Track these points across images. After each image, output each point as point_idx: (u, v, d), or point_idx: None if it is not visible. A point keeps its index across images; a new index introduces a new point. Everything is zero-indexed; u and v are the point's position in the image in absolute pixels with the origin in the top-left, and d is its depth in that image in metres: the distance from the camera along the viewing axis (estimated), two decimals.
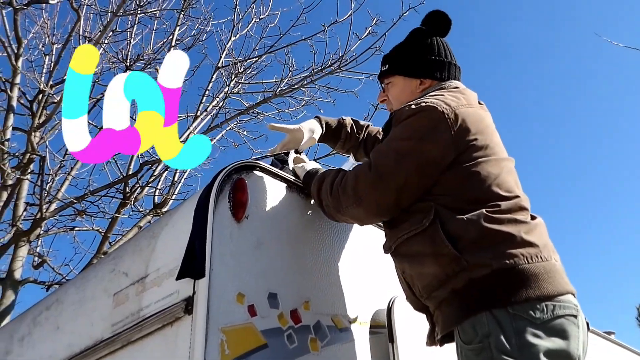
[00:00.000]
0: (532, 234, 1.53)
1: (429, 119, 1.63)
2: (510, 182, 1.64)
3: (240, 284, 1.63)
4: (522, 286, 1.42)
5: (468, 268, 1.47)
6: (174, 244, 1.76)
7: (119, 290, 1.91)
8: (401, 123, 1.69)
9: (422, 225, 1.58)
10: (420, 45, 1.92)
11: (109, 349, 1.81)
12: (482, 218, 1.51)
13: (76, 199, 5.39)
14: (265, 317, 1.64)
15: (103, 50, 6.17)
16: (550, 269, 1.48)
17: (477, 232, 1.50)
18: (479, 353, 1.41)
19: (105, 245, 5.68)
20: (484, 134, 1.67)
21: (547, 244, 1.55)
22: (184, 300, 1.59)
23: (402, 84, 1.93)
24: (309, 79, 5.85)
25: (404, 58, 1.94)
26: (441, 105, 1.64)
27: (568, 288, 1.49)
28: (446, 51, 1.92)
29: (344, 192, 1.70)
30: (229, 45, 6.47)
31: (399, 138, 1.68)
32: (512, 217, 1.54)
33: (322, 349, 1.74)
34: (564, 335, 1.41)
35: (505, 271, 1.45)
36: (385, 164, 1.64)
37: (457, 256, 1.49)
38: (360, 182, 1.67)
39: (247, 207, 1.76)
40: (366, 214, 1.71)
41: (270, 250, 1.77)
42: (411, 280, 1.67)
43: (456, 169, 1.61)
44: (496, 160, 1.65)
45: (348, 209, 1.71)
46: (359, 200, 1.67)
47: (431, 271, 1.55)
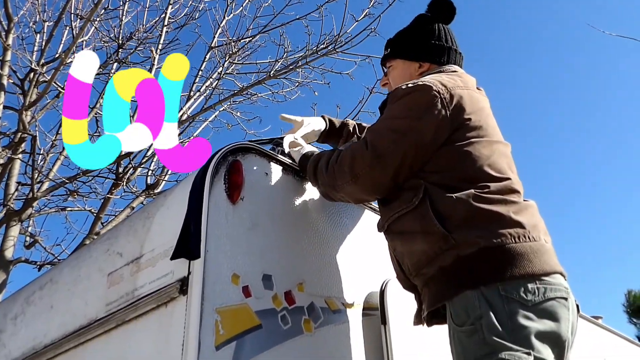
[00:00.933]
0: (521, 214, 1.54)
1: (424, 98, 1.65)
2: (502, 164, 1.65)
3: (235, 265, 1.64)
4: (509, 264, 1.45)
5: (456, 246, 1.50)
6: (169, 225, 1.76)
7: (114, 271, 1.91)
8: (397, 102, 1.71)
9: (412, 204, 1.60)
10: (421, 30, 1.94)
11: (103, 328, 1.82)
12: (472, 197, 1.53)
13: (68, 179, 5.36)
14: (260, 298, 1.65)
15: (94, 29, 6.10)
16: (539, 249, 1.50)
17: (466, 211, 1.52)
18: (470, 335, 1.43)
19: (97, 225, 5.67)
20: (478, 115, 1.69)
21: (537, 225, 1.56)
22: (178, 281, 1.59)
23: (401, 67, 1.96)
24: (303, 60, 5.80)
25: (405, 42, 1.97)
26: (436, 85, 1.67)
27: (556, 268, 1.51)
28: (447, 36, 1.93)
29: (340, 169, 1.72)
30: (222, 24, 6.41)
31: (395, 117, 1.70)
32: (502, 198, 1.56)
33: (316, 330, 1.76)
34: (555, 318, 1.43)
35: (493, 249, 1.47)
36: (382, 143, 1.66)
37: (446, 234, 1.51)
38: (357, 160, 1.68)
39: (243, 189, 1.76)
40: (361, 191, 1.73)
41: (266, 232, 1.78)
42: (401, 258, 1.69)
43: (449, 147, 1.64)
44: (489, 141, 1.67)
45: (344, 186, 1.72)
46: (355, 177, 1.69)
47: (420, 248, 1.57)
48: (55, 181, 5.51)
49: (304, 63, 5.81)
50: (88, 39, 6.15)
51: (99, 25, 6.10)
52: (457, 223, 1.52)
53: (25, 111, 5.42)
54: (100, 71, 5.97)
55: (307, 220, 1.94)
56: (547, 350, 1.40)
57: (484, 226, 1.50)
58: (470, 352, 1.42)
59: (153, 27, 6.31)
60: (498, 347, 1.37)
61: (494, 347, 1.38)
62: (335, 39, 5.60)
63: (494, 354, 1.36)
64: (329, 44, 5.67)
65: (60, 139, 5.91)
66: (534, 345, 1.37)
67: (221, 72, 6.22)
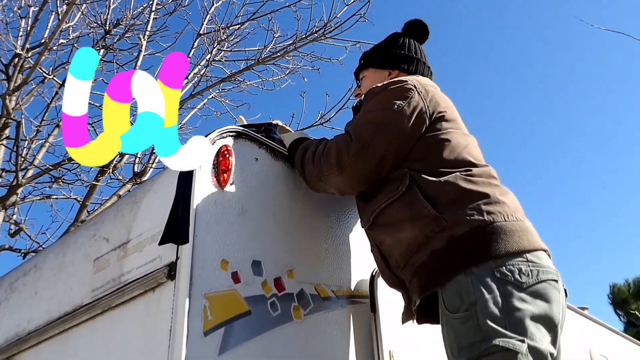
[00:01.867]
0: (505, 196, 1.60)
1: (401, 90, 1.72)
2: (478, 154, 1.74)
3: (225, 251, 1.62)
4: (500, 241, 1.48)
5: (448, 227, 1.51)
6: (157, 210, 1.73)
7: (100, 256, 1.88)
8: (374, 97, 1.77)
9: (399, 192, 1.62)
10: (393, 43, 2.06)
11: (89, 314, 1.79)
12: (459, 179, 1.58)
13: (53, 166, 5.28)
14: (249, 285, 1.63)
15: (81, 14, 5.99)
16: (525, 228, 1.55)
17: (454, 191, 1.56)
18: (465, 321, 1.42)
19: (83, 214, 5.60)
20: (451, 110, 1.78)
21: (519, 208, 1.62)
22: (166, 266, 1.57)
23: (372, 75, 2.04)
24: (292, 46, 5.74)
25: (377, 53, 2.07)
26: (411, 80, 1.76)
27: (542, 245, 1.55)
28: (417, 50, 2.05)
29: (326, 160, 1.74)
30: (211, 11, 6.32)
31: (375, 110, 1.74)
32: (486, 180, 1.62)
33: (305, 317, 1.74)
34: (547, 299, 1.45)
35: (484, 227, 1.50)
36: (366, 134, 1.69)
37: (437, 216, 1.52)
38: (342, 151, 1.70)
39: (232, 174, 1.74)
40: (347, 182, 1.74)
41: (255, 217, 1.76)
42: (389, 250, 1.68)
43: (428, 136, 1.69)
44: (463, 133, 1.75)
45: (329, 177, 1.74)
46: (341, 168, 1.70)
47: (410, 235, 1.57)
48: (40, 168, 5.43)
49: (293, 49, 5.75)
50: (74, 24, 6.04)
51: (86, 11, 5.99)
52: (447, 204, 1.55)
53: (9, 96, 5.32)
54: None
55: (298, 207, 1.92)
56: (540, 333, 1.40)
57: (473, 205, 1.53)
58: (464, 339, 1.41)
59: (141, 13, 6.21)
60: (493, 333, 1.36)
61: (488, 332, 1.37)
62: (325, 25, 5.55)
63: (488, 340, 1.36)
64: (318, 29, 5.61)
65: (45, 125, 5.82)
66: (528, 328, 1.38)
67: (210, 59, 6.14)
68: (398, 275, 1.67)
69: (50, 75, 5.46)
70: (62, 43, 5.87)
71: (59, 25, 5.05)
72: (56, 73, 5.67)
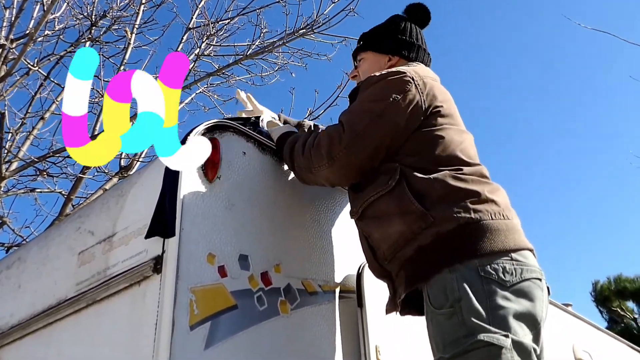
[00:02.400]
0: (495, 193, 1.59)
1: (398, 82, 1.70)
2: (472, 151, 1.72)
3: (211, 245, 1.61)
4: (486, 239, 1.47)
5: (435, 223, 1.51)
6: (144, 203, 1.72)
7: (85, 249, 1.86)
8: (371, 87, 1.74)
9: (389, 186, 1.61)
10: (394, 27, 2.01)
11: (73, 307, 1.77)
12: (448, 177, 1.57)
13: (37, 159, 5.22)
14: (236, 279, 1.62)
15: (67, 6, 5.92)
16: (512, 227, 1.55)
17: (443, 189, 1.55)
18: (449, 317, 1.42)
19: (68, 207, 5.54)
20: (448, 104, 1.75)
21: (508, 206, 1.61)
22: (152, 259, 1.55)
23: (371, 59, 2.00)
24: (281, 41, 5.72)
25: (377, 36, 2.03)
26: (410, 72, 1.73)
27: (528, 245, 1.55)
28: (418, 35, 2.01)
29: (316, 152, 1.71)
30: (201, 5, 6.28)
31: (371, 100, 1.71)
32: (476, 178, 1.61)
33: (292, 312, 1.74)
34: (530, 298, 1.45)
35: (471, 225, 1.49)
36: (359, 125, 1.67)
37: (424, 212, 1.52)
38: (334, 142, 1.68)
39: (220, 167, 1.73)
40: (338, 174, 1.72)
41: (243, 211, 1.75)
42: (377, 243, 1.68)
43: (423, 131, 1.67)
44: (459, 130, 1.73)
45: (320, 169, 1.72)
46: (331, 160, 1.68)
47: (398, 229, 1.57)
48: (24, 160, 5.36)
49: (281, 44, 5.73)
50: (60, 16, 5.97)
51: (72, 2, 5.92)
52: (434, 200, 1.54)
53: None
54: (72, 49, 5.80)
55: (285, 201, 1.91)
56: (524, 330, 1.40)
57: (461, 203, 1.53)
58: (449, 334, 1.42)
59: (128, 5, 6.15)
60: (477, 329, 1.37)
61: (472, 328, 1.38)
62: (314, 21, 5.54)
63: (473, 335, 1.36)
64: (306, 25, 5.60)
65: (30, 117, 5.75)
66: (512, 326, 1.38)
67: (198, 54, 6.10)
68: (385, 267, 1.67)
69: (35, 67, 5.39)
70: (47, 34, 5.80)
71: (44, 16, 4.98)
72: (41, 65, 5.61)
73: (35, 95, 5.86)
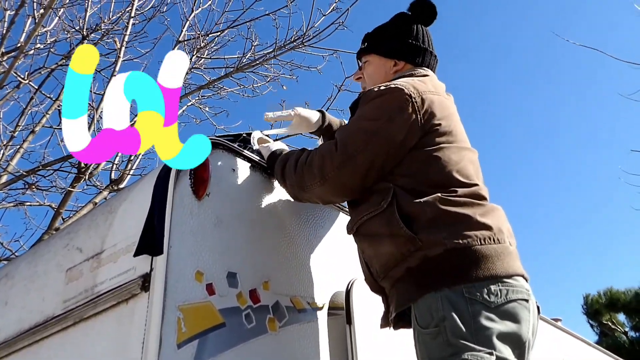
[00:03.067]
0: (487, 216, 1.56)
1: (396, 100, 1.66)
2: (469, 171, 1.67)
3: (200, 262, 1.61)
4: (474, 265, 1.46)
5: (423, 247, 1.50)
6: (132, 220, 1.72)
7: (73, 266, 1.85)
8: (368, 104, 1.72)
9: (380, 207, 1.61)
10: (400, 28, 1.94)
11: (61, 325, 1.76)
12: (438, 200, 1.55)
13: (27, 172, 5.19)
14: (224, 296, 1.62)
15: (58, 19, 5.93)
16: (503, 252, 1.51)
17: (433, 213, 1.53)
18: (435, 337, 1.43)
19: (57, 221, 5.50)
20: (447, 120, 1.71)
21: (502, 228, 1.58)
22: (140, 277, 1.55)
23: (377, 63, 1.95)
24: (272, 54, 5.75)
25: (383, 38, 1.96)
26: (408, 88, 1.68)
27: (518, 270, 1.52)
28: (425, 38, 1.94)
29: (309, 170, 1.71)
30: (191, 18, 6.31)
31: (367, 118, 1.70)
32: (469, 201, 1.57)
33: (280, 329, 1.74)
34: (516, 319, 1.45)
35: (459, 250, 1.48)
36: (352, 144, 1.66)
37: (412, 236, 1.52)
38: (326, 161, 1.68)
39: (209, 184, 1.73)
40: (330, 192, 1.72)
41: (231, 229, 1.75)
42: (369, 261, 1.69)
43: (418, 151, 1.65)
44: (458, 147, 1.69)
45: (312, 187, 1.71)
46: (323, 179, 1.68)
47: (388, 251, 1.58)
48: (14, 174, 5.33)
49: (272, 57, 5.76)
50: (52, 29, 5.98)
51: (63, 16, 5.93)
52: (424, 225, 1.53)
53: None
54: (64, 62, 5.80)
55: (274, 218, 1.92)
56: (508, 350, 1.41)
57: (450, 227, 1.51)
58: (435, 353, 1.43)
59: (119, 18, 6.16)
60: (461, 348, 1.38)
61: (457, 348, 1.38)
62: (304, 34, 5.57)
63: (458, 355, 1.37)
64: (297, 38, 5.63)
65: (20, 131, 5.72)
66: (496, 345, 1.39)
67: (189, 67, 6.12)
68: (379, 283, 1.68)
69: (25, 80, 5.39)
70: (38, 47, 5.80)
71: (35, 30, 4.99)
72: (32, 78, 5.60)
73: (25, 108, 5.85)
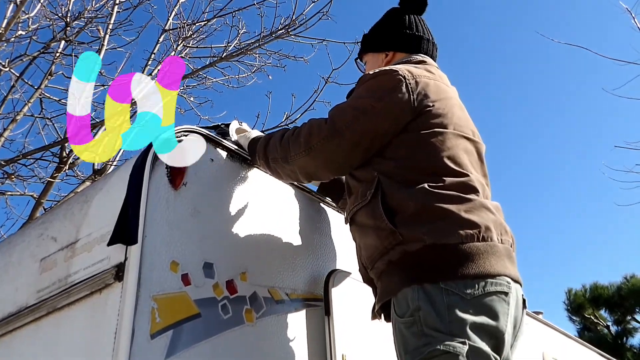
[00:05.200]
0: (473, 213, 1.51)
1: (389, 80, 1.66)
2: (463, 159, 1.62)
3: (175, 252, 1.59)
4: (454, 264, 1.44)
5: (403, 242, 1.49)
6: (108, 210, 1.69)
7: (47, 256, 1.82)
8: (362, 85, 1.73)
9: (366, 199, 1.60)
10: (390, 22, 1.96)
11: (34, 315, 1.73)
12: (423, 193, 1.52)
13: (6, 162, 5.12)
14: (200, 287, 1.61)
15: (40, 6, 5.83)
16: (486, 250, 1.47)
17: (417, 206, 1.51)
18: (410, 326, 1.43)
19: (39, 211, 5.44)
20: (443, 103, 1.67)
21: (490, 225, 1.51)
22: (114, 267, 1.53)
23: (371, 60, 1.98)
24: (257, 43, 5.70)
25: (374, 35, 1.99)
26: (402, 70, 1.67)
27: (502, 270, 1.47)
28: (418, 25, 1.92)
29: (295, 141, 1.70)
30: (177, 7, 6.24)
31: (358, 97, 1.71)
32: (455, 194, 1.52)
33: (257, 320, 1.73)
34: (493, 312, 1.43)
35: (438, 247, 1.46)
36: (342, 119, 1.66)
37: (393, 230, 1.50)
38: (313, 133, 1.67)
39: (186, 174, 1.71)
40: (313, 164, 1.70)
41: (209, 218, 1.73)
42: (359, 251, 1.70)
43: (409, 134, 1.62)
44: (453, 134, 1.64)
45: (296, 158, 1.70)
46: (309, 149, 1.66)
47: (373, 243, 1.57)
48: None
49: (257, 46, 5.71)
50: (34, 16, 5.88)
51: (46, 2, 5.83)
52: (405, 218, 1.51)
53: None
54: (45, 50, 5.71)
55: (252, 209, 1.90)
56: (482, 341, 1.40)
57: (431, 223, 1.48)
58: (410, 343, 1.43)
59: (103, 6, 6.07)
60: (435, 338, 1.38)
61: (431, 337, 1.38)
62: (290, 22, 5.53)
63: (431, 345, 1.37)
64: (282, 27, 5.59)
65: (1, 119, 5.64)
66: (470, 335, 1.38)
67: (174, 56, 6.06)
68: (370, 274, 1.67)
69: (6, 68, 5.30)
70: (20, 34, 5.70)
71: (15, 16, 4.90)
72: (13, 65, 5.51)
73: (6, 96, 5.75)
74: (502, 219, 1.60)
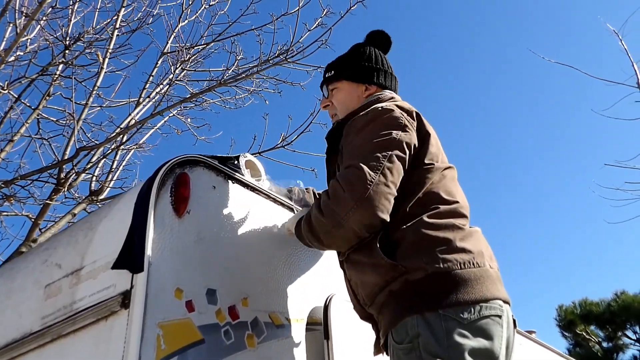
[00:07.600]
0: (467, 240, 1.59)
1: (391, 118, 1.70)
2: (452, 187, 1.71)
3: (179, 279, 1.63)
4: (453, 290, 1.49)
5: (405, 272, 1.53)
6: (113, 237, 1.73)
7: (51, 282, 1.85)
8: (364, 129, 1.70)
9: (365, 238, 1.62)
10: (363, 54, 2.02)
11: (38, 342, 1.76)
12: (421, 225, 1.58)
13: (4, 183, 5.13)
14: (203, 313, 1.64)
15: (40, 28, 5.89)
16: (482, 275, 1.54)
17: (415, 237, 1.56)
18: (408, 352, 1.47)
19: (35, 232, 5.43)
20: (433, 135, 1.77)
21: (482, 251, 1.60)
22: (120, 294, 1.56)
23: (348, 88, 1.99)
24: (255, 69, 5.78)
25: (350, 65, 2.02)
26: (395, 108, 1.73)
27: (497, 294, 1.54)
28: (385, 62, 2.03)
29: (338, 201, 1.57)
30: (176, 30, 6.31)
31: (372, 139, 1.65)
32: (450, 223, 1.60)
33: (259, 345, 1.76)
34: (488, 335, 1.48)
35: (439, 275, 1.51)
36: (372, 162, 1.59)
37: (394, 264, 1.54)
38: (353, 182, 1.57)
39: (189, 202, 1.75)
40: (370, 210, 1.55)
41: (211, 245, 1.77)
42: (356, 288, 1.72)
43: (413, 169, 1.68)
44: (442, 165, 1.73)
45: (349, 216, 1.55)
46: (360, 199, 1.54)
47: (372, 280, 1.61)
48: None
49: (255, 72, 5.79)
50: (32, 37, 5.93)
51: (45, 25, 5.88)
52: (406, 250, 1.56)
53: None
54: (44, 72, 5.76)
55: (253, 236, 1.94)
56: None
57: (430, 252, 1.53)
58: None
59: (103, 29, 6.14)
60: None
61: None
62: (288, 49, 5.61)
63: None
64: (281, 53, 5.67)
65: None
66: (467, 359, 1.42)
67: (172, 79, 6.12)
68: (367, 310, 1.70)
69: (5, 90, 5.33)
70: (19, 55, 5.75)
71: (17, 39, 4.96)
72: (12, 87, 5.55)
73: (4, 117, 5.78)
74: (487, 243, 1.69)
